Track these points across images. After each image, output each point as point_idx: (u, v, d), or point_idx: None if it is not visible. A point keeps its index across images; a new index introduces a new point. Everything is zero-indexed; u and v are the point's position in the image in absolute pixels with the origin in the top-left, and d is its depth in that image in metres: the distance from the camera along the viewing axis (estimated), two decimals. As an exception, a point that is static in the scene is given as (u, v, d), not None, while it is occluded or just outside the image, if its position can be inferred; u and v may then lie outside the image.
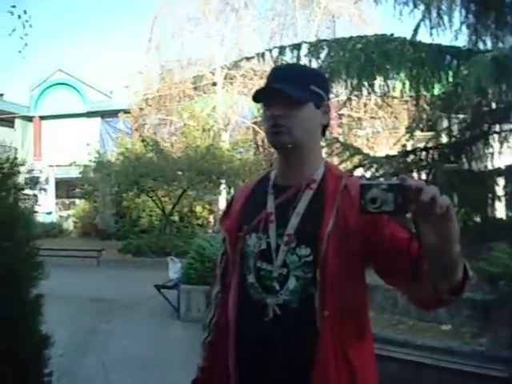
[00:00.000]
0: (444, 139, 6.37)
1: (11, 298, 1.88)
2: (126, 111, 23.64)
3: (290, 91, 1.62)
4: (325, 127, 1.79)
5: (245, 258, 1.73)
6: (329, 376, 1.55)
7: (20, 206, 2.16)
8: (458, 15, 5.97)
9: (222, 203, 19.45)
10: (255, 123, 21.39)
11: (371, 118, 19.82)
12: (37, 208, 15.23)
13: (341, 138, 8.91)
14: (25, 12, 8.04)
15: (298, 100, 1.64)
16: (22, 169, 2.89)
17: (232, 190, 17.90)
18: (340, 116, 19.64)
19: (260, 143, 21.64)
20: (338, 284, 1.57)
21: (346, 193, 1.61)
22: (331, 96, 1.94)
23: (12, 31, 8.15)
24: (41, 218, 21.80)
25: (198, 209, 20.14)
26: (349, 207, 1.56)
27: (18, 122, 29.97)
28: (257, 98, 1.73)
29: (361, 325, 1.66)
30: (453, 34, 6.00)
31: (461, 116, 6.15)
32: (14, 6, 8.02)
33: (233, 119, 22.18)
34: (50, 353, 2.04)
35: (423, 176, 6.07)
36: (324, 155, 2.38)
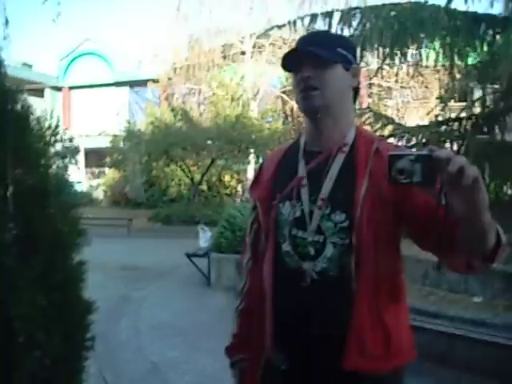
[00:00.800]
0: (477, 109, 6.28)
1: (57, 263, 1.94)
2: (155, 81, 23.67)
3: (318, 51, 1.61)
4: (356, 91, 1.77)
5: (279, 226, 1.72)
6: (365, 338, 1.58)
7: (62, 174, 2.20)
8: (494, -18, 5.83)
9: (251, 173, 19.49)
10: (284, 92, 21.29)
11: (401, 87, 19.54)
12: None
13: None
14: None
15: (326, 59, 1.63)
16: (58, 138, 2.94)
17: (261, 160, 17.90)
18: (370, 85, 19.42)
19: (289, 112, 21.56)
20: (373, 248, 1.58)
21: (379, 157, 1.59)
22: (362, 65, 1.92)
23: (45, 0, 8.08)
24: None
25: (227, 178, 20.22)
26: (381, 171, 1.50)
27: (47, 91, 30.25)
28: (286, 66, 1.71)
29: (395, 288, 1.67)
30: (488, 1, 5.88)
31: (495, 86, 6.05)
32: None
33: (261, 88, 22.07)
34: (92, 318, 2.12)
35: (455, 147, 6.01)
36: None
